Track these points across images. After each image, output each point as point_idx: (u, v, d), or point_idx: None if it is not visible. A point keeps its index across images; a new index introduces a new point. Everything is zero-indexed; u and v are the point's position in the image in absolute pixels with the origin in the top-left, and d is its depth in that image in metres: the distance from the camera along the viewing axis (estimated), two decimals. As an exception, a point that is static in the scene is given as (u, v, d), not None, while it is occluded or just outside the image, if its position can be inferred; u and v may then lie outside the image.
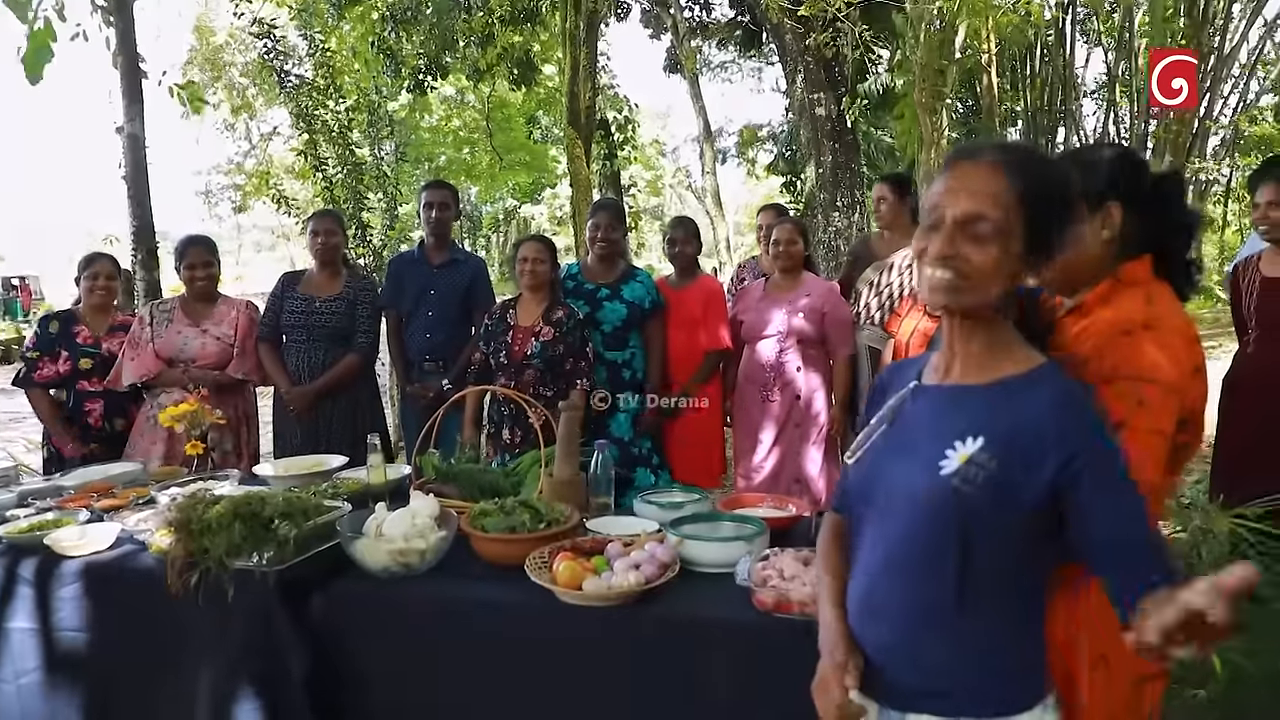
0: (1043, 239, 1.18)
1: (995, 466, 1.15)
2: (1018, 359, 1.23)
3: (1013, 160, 1.18)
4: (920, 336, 3.50)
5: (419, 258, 4.02)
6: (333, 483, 2.43)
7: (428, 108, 12.89)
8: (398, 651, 1.98)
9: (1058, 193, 1.19)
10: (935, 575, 1.19)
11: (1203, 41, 9.29)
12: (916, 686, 1.23)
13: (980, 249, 1.15)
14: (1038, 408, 1.15)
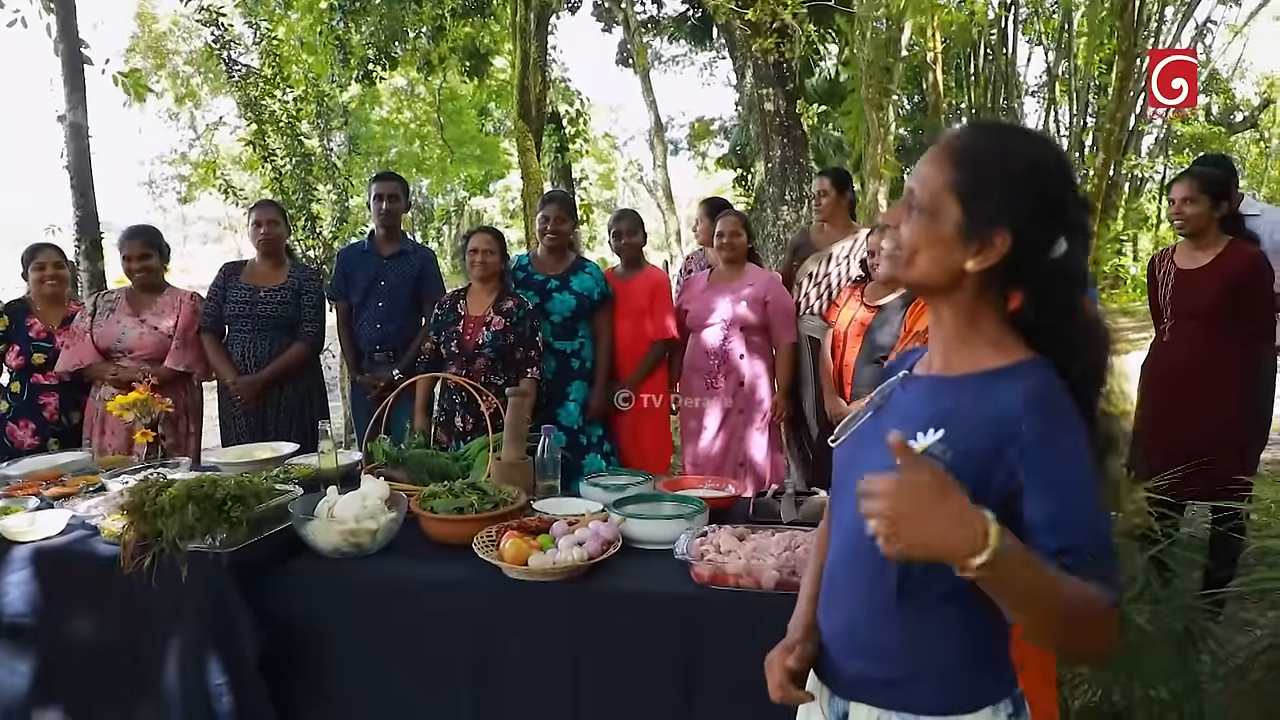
0: (979, 224, 1.12)
1: (949, 459, 1.10)
2: (1003, 351, 1.17)
3: (960, 145, 1.16)
4: (857, 325, 3.64)
5: (369, 249, 4.06)
6: (284, 468, 2.48)
7: (377, 99, 12.79)
8: (350, 629, 2.05)
9: (1001, 180, 1.12)
10: (879, 565, 1.14)
11: (1137, 43, 9.62)
12: (862, 675, 1.22)
13: (909, 225, 1.17)
14: (1005, 402, 1.10)
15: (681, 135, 19.95)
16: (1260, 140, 17.32)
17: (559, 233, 3.89)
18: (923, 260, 1.16)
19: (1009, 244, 1.12)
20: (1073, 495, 1.07)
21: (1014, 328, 1.18)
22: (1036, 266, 1.14)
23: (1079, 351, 1.15)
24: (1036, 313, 1.15)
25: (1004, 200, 1.12)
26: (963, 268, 1.14)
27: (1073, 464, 1.08)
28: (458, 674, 2.00)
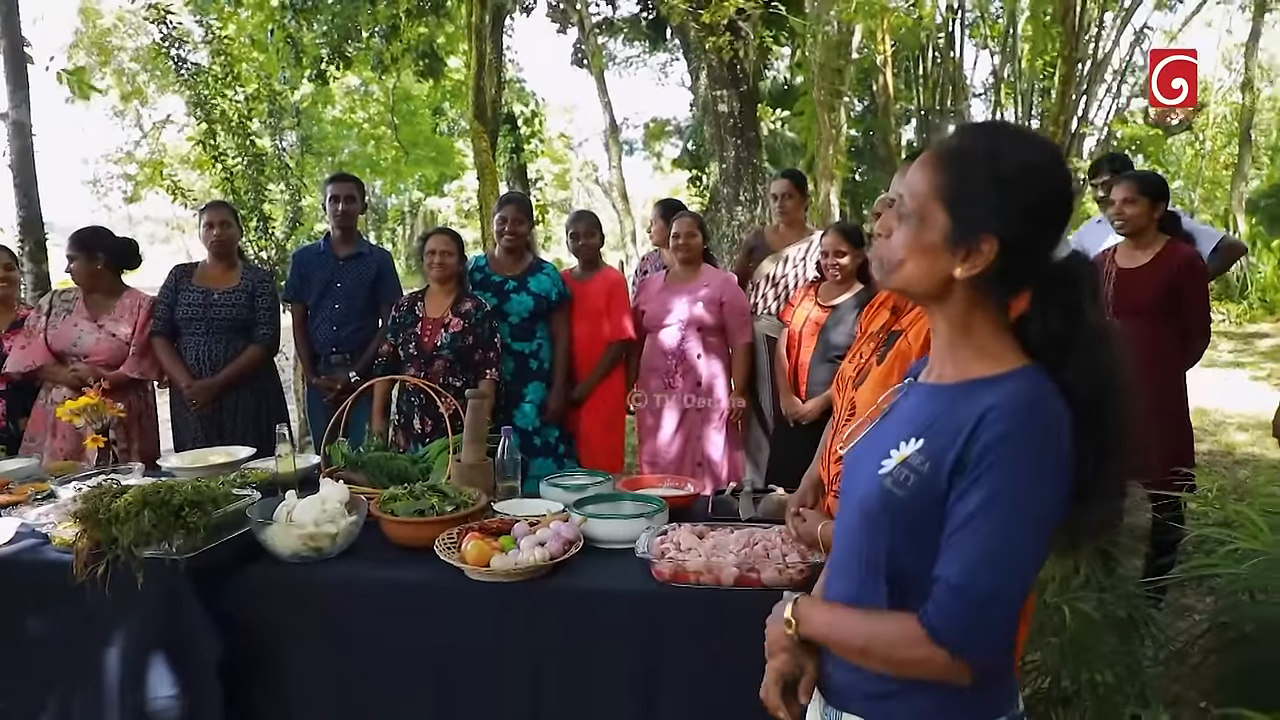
0: (966, 231, 1.09)
1: (927, 470, 1.09)
2: (993, 360, 1.13)
3: (949, 148, 1.15)
4: (812, 325, 3.71)
5: (324, 250, 4.02)
6: (241, 473, 2.46)
7: (330, 99, 12.64)
8: (309, 634, 2.04)
9: (988, 184, 1.09)
10: (869, 578, 1.16)
11: (1078, 48, 9.87)
12: (852, 687, 1.20)
13: (896, 231, 1.16)
14: (974, 412, 1.07)
15: (637, 136, 20.00)
16: (1195, 142, 17.84)
17: (517, 234, 3.89)
18: (909, 268, 1.14)
19: (996, 250, 1.09)
20: (981, 536, 1.03)
21: (1012, 335, 1.15)
22: (1036, 270, 1.11)
23: (1085, 359, 1.10)
24: (1042, 318, 1.12)
25: (992, 205, 1.09)
26: (951, 275, 1.12)
27: (1000, 501, 1.03)
28: (419, 676, 2.00)
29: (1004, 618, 1.06)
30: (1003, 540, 1.03)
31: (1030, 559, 1.06)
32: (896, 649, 1.10)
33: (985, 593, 1.03)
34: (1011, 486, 1.03)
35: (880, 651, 1.13)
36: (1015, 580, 1.05)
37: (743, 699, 1.85)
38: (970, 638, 1.05)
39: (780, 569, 1.95)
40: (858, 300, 3.63)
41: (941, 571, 1.06)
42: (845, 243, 3.64)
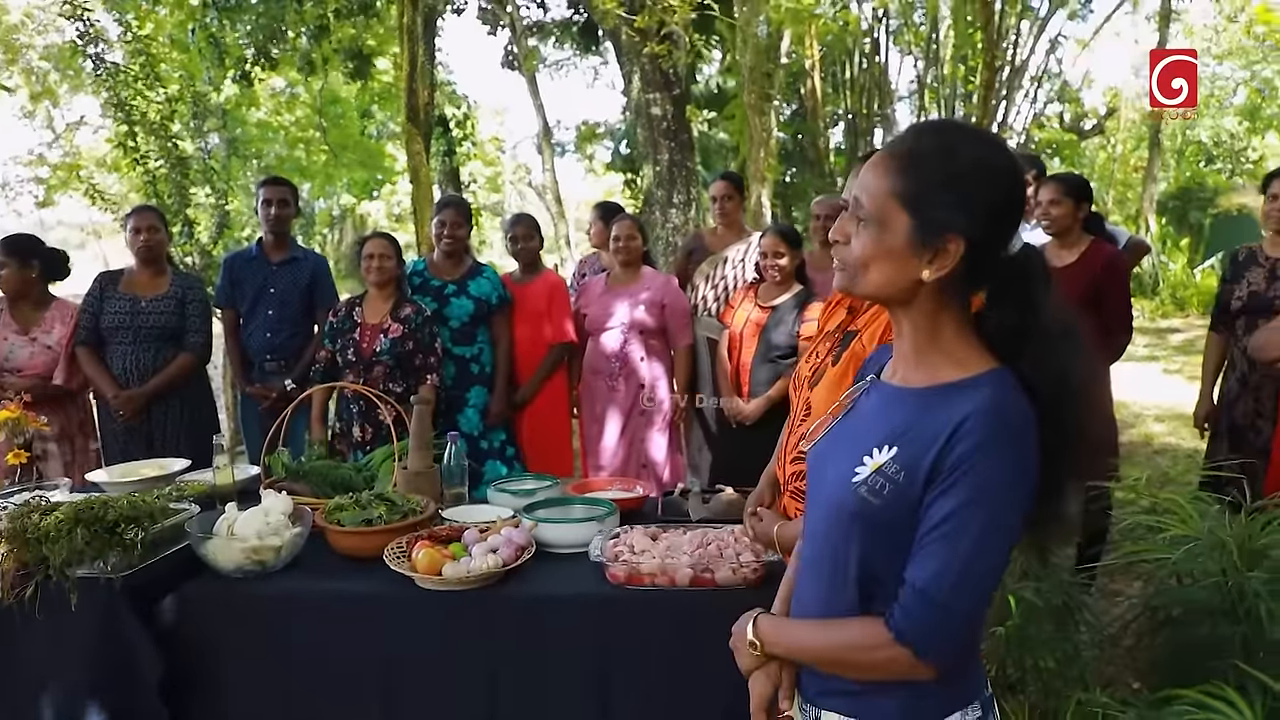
0: (930, 232, 1.08)
1: (902, 479, 1.09)
2: (960, 363, 1.13)
3: (902, 150, 1.13)
4: (753, 326, 3.74)
5: (257, 255, 3.92)
6: (176, 486, 2.38)
7: (255, 101, 12.31)
8: (254, 650, 1.98)
9: (947, 183, 1.09)
10: (841, 579, 1.16)
11: (997, 56, 10.18)
12: (827, 684, 1.21)
13: (857, 237, 1.14)
14: (949, 418, 1.07)
15: (568, 138, 19.96)
16: (1107, 146, 18.56)
17: (456, 237, 3.85)
18: (875, 273, 1.12)
19: (963, 249, 1.08)
20: (950, 543, 1.05)
21: (977, 337, 1.15)
22: (994, 267, 1.11)
23: (1044, 354, 1.10)
24: (998, 313, 1.12)
25: (953, 205, 1.07)
26: (918, 278, 1.10)
27: (970, 510, 1.04)
28: (367, 689, 1.96)
29: (966, 623, 1.09)
30: (972, 547, 1.05)
31: (996, 565, 1.08)
32: (861, 653, 1.13)
33: (950, 598, 1.05)
34: (982, 495, 1.04)
35: (846, 658, 1.15)
36: (980, 587, 1.07)
37: (699, 699, 1.88)
38: (933, 640, 1.07)
39: (735, 568, 1.96)
40: (797, 301, 3.69)
41: (910, 575, 1.08)
42: (783, 244, 3.69)
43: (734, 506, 2.48)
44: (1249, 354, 3.00)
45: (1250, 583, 1.84)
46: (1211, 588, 1.89)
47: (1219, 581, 1.89)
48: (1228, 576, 1.88)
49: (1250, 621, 1.83)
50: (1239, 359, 3.23)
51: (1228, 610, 1.89)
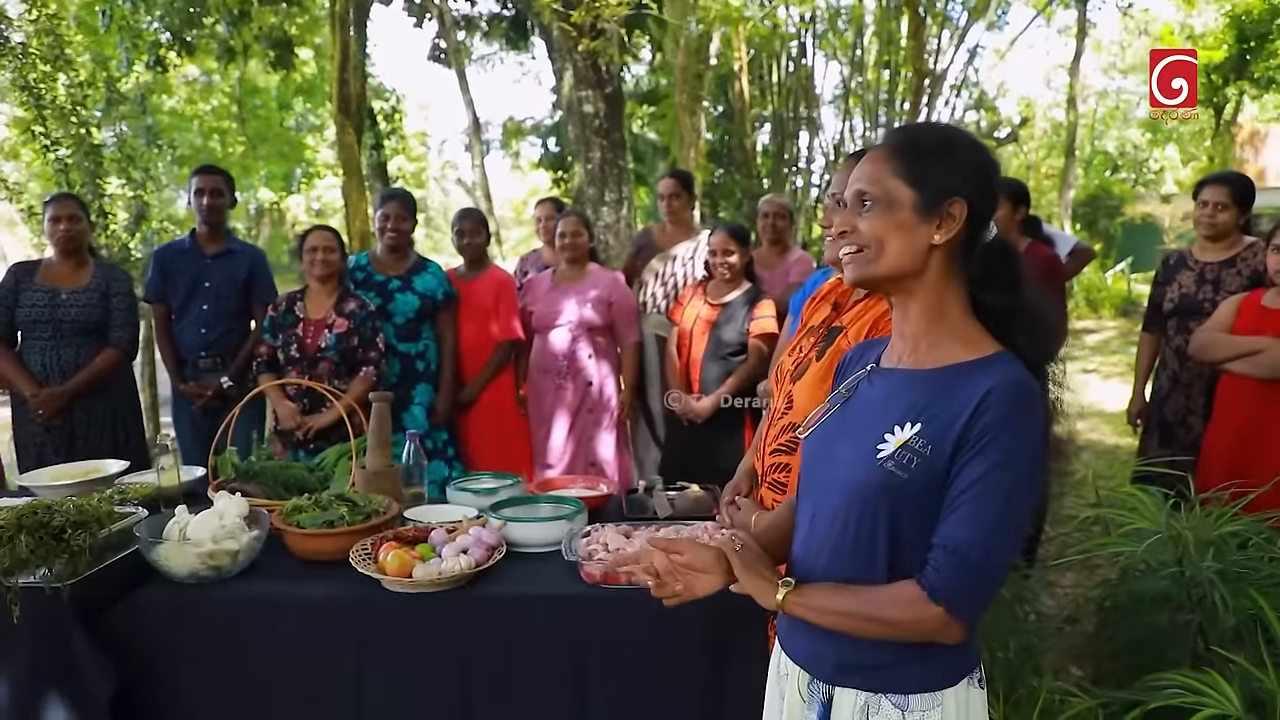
0: (934, 198, 1.18)
1: (929, 452, 1.15)
2: (970, 345, 1.21)
3: (894, 140, 1.24)
4: (703, 323, 3.75)
5: (190, 247, 3.74)
6: (117, 489, 2.24)
7: (168, 89, 11.82)
8: (211, 659, 1.88)
9: (942, 154, 1.20)
10: (865, 556, 1.20)
11: (921, 64, 10.45)
12: (845, 661, 1.24)
13: (866, 222, 1.20)
14: (971, 395, 1.13)
15: (494, 135, 19.73)
16: (1021, 153, 19.27)
17: (400, 231, 3.76)
18: (891, 248, 1.19)
19: (965, 211, 1.18)
20: (980, 504, 1.11)
21: (977, 320, 1.23)
22: (978, 248, 1.21)
23: (1029, 329, 1.20)
24: (989, 296, 1.21)
25: (951, 171, 1.18)
26: (930, 244, 1.18)
27: (997, 475, 1.11)
28: (337, 696, 1.88)
29: (995, 580, 1.16)
30: (1000, 509, 1.11)
31: (1021, 526, 1.15)
32: (894, 610, 1.16)
33: (981, 555, 1.11)
34: (1009, 460, 1.11)
35: (879, 616, 1.17)
36: (1008, 545, 1.14)
37: (675, 696, 1.86)
38: (965, 597, 1.13)
39: (710, 565, 1.94)
40: (747, 298, 3.71)
41: (941, 537, 1.14)
42: (733, 242, 3.70)
43: (700, 503, 2.48)
44: (1189, 355, 3.13)
45: (1204, 572, 1.91)
46: (1169, 578, 1.96)
47: (1175, 572, 1.96)
48: (1183, 567, 1.95)
49: (1204, 609, 1.90)
50: (1170, 358, 3.36)
51: (1183, 599, 1.97)
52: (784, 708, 1.34)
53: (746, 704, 1.81)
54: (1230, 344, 2.94)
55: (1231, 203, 3.25)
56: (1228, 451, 2.96)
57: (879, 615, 1.17)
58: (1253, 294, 2.99)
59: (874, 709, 1.22)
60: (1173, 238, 15.21)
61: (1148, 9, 15.03)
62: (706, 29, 10.83)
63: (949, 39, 12.98)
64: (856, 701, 1.23)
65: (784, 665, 1.36)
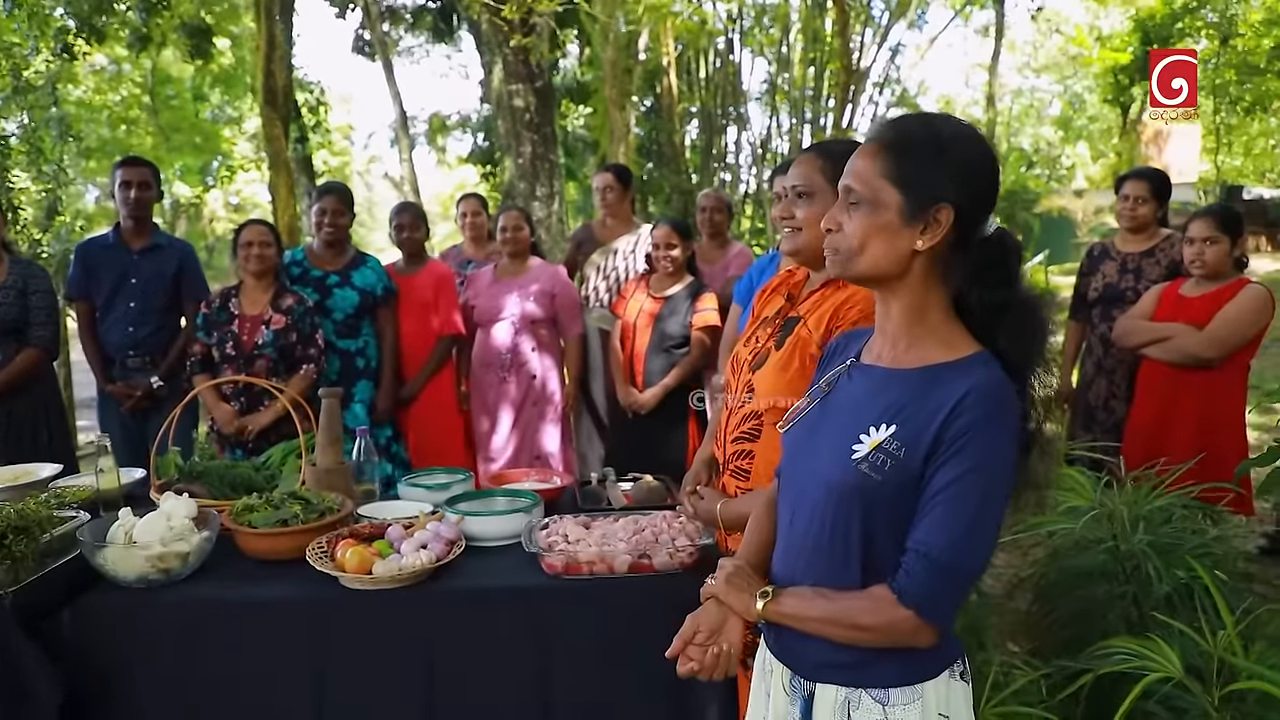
0: (921, 203, 1.15)
1: (903, 454, 1.14)
2: (950, 346, 1.20)
3: (886, 134, 1.21)
4: (646, 316, 3.78)
5: (114, 242, 3.59)
6: (53, 492, 2.16)
7: (74, 78, 11.32)
8: (163, 664, 1.83)
9: (932, 157, 1.17)
10: (841, 555, 1.20)
11: (849, 61, 10.67)
12: (825, 659, 1.24)
13: (850, 220, 1.19)
14: (947, 397, 1.13)
15: (419, 130, 19.42)
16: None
17: (338, 225, 3.68)
18: (872, 250, 1.18)
19: (952, 218, 1.15)
20: (953, 508, 1.11)
21: (959, 320, 1.21)
22: (974, 243, 1.18)
23: (1017, 326, 1.18)
24: (979, 290, 1.18)
25: (940, 176, 1.15)
26: (913, 249, 1.17)
27: (971, 479, 1.11)
28: (297, 697, 1.85)
29: (968, 583, 1.16)
30: (974, 511, 1.11)
31: (994, 530, 1.15)
32: (867, 616, 1.16)
33: (953, 559, 1.11)
34: (983, 463, 1.11)
35: (851, 620, 1.18)
36: (981, 549, 1.14)
37: (641, 684, 1.88)
38: (936, 601, 1.13)
39: (671, 553, 1.97)
40: (689, 291, 3.74)
41: (914, 540, 1.14)
42: (676, 236, 3.73)
43: (655, 493, 2.50)
44: (1113, 341, 3.28)
45: (1138, 545, 2.01)
46: (1105, 552, 2.06)
47: (1110, 546, 2.06)
48: (1118, 541, 2.05)
49: (1139, 580, 2.00)
50: (1095, 345, 3.52)
51: (1118, 572, 2.07)
52: (769, 704, 1.34)
53: (710, 692, 1.86)
54: (1146, 330, 3.10)
55: (1151, 197, 3.41)
56: (1146, 433, 3.12)
57: (853, 621, 1.17)
58: (1173, 284, 3.15)
59: (855, 704, 1.22)
60: (1085, 231, 15.87)
61: (1059, 10, 15.61)
62: (635, 24, 10.86)
63: (872, 37, 13.30)
64: (837, 697, 1.23)
65: (768, 662, 1.36)
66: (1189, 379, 3.00)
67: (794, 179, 1.73)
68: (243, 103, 16.08)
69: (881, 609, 1.15)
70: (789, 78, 14.48)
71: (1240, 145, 19.23)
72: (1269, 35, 14.18)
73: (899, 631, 1.15)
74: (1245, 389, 3.08)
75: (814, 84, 13.79)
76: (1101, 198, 17.12)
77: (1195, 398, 2.99)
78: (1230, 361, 2.97)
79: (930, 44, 17.05)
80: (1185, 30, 15.40)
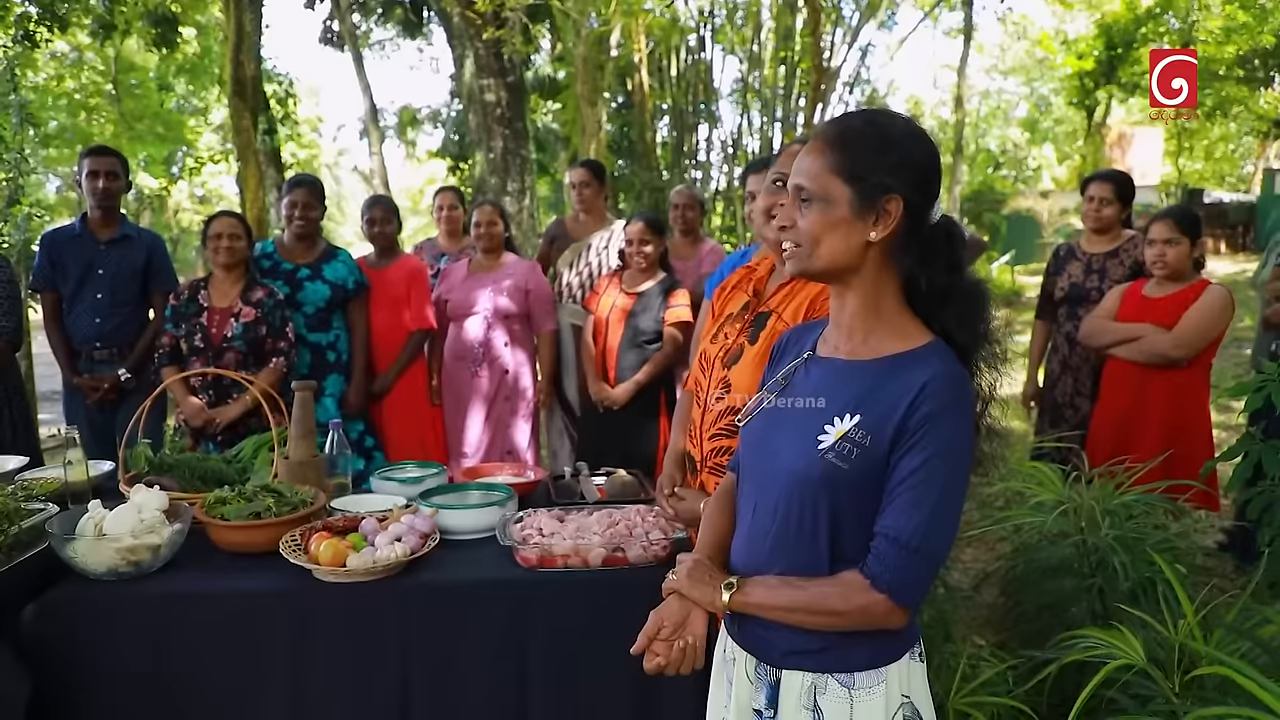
0: (871, 196, 1.18)
1: (869, 443, 1.17)
2: (905, 336, 1.24)
3: (833, 131, 1.23)
4: (618, 312, 3.78)
5: (81, 233, 3.54)
6: (19, 485, 2.12)
7: (33, 64, 11.08)
8: (133, 658, 1.81)
9: (880, 151, 1.19)
10: (808, 545, 1.23)
11: (820, 60, 10.74)
12: (792, 646, 1.26)
13: (804, 217, 1.22)
14: (908, 386, 1.17)
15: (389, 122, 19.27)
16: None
17: (309, 219, 3.65)
18: (826, 246, 1.21)
19: (902, 208, 1.19)
20: (919, 493, 1.14)
21: (912, 310, 1.26)
22: (922, 230, 1.21)
23: (964, 311, 1.23)
24: (927, 275, 1.22)
25: (888, 169, 1.19)
26: (866, 240, 1.20)
27: (935, 464, 1.15)
28: (271, 690, 1.84)
29: (935, 565, 1.18)
30: (939, 497, 1.15)
31: (958, 512, 1.19)
32: (838, 601, 1.18)
33: (922, 542, 1.14)
34: (947, 449, 1.16)
35: (823, 607, 1.20)
36: (947, 531, 1.17)
37: (614, 676, 1.89)
38: (907, 583, 1.16)
39: (645, 546, 1.99)
40: (662, 288, 3.76)
41: (882, 525, 1.17)
42: (649, 232, 3.75)
43: (628, 487, 2.51)
44: (1080, 340, 3.34)
45: (1104, 539, 2.06)
46: (1072, 546, 2.11)
47: (1077, 540, 2.11)
48: (1085, 534, 2.09)
49: (1105, 573, 2.05)
50: (1061, 343, 3.58)
51: (1084, 566, 2.11)
52: (732, 692, 1.36)
53: (682, 681, 1.87)
54: (1113, 330, 3.16)
55: (1115, 198, 3.48)
56: (1112, 430, 3.18)
57: (824, 606, 1.20)
58: (1135, 284, 3.22)
59: (821, 688, 1.24)
60: (1050, 231, 16.15)
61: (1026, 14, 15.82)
62: (607, 21, 10.86)
63: (842, 37, 13.41)
64: (804, 683, 1.25)
65: (730, 650, 1.38)
66: (1155, 378, 3.06)
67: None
68: (208, 93, 15.84)
69: (854, 594, 1.17)
70: (760, 76, 14.57)
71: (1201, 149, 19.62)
72: (1229, 43, 14.49)
73: (872, 615, 1.17)
74: (1208, 387, 3.15)
75: (785, 83, 13.89)
76: (1067, 199, 17.42)
77: (1161, 396, 3.05)
78: (1195, 361, 3.04)
79: (900, 44, 17.27)
80: (1148, 36, 15.70)
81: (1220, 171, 21.76)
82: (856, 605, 1.17)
